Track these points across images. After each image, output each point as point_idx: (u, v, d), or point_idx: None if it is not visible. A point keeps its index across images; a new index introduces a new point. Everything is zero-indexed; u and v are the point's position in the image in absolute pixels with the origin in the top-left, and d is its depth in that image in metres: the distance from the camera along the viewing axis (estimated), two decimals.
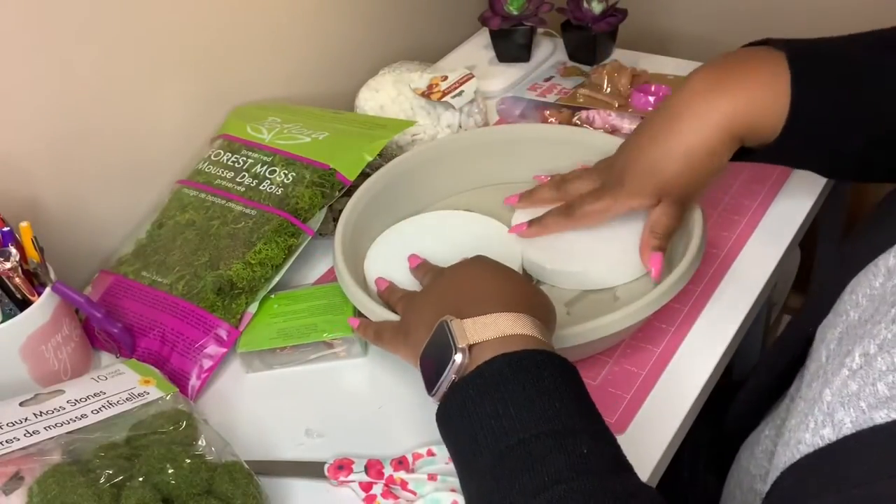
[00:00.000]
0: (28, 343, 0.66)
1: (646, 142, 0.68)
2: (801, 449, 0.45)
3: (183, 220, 0.79)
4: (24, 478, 0.54)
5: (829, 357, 0.50)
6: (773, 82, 0.63)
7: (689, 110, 0.66)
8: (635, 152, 0.69)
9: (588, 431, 0.48)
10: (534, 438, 0.47)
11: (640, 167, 0.68)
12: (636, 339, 0.69)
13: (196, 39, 0.85)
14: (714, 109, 0.64)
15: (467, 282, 0.59)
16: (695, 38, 1.20)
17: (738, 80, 0.64)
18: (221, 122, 0.90)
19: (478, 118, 0.92)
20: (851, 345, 0.47)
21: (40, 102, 0.74)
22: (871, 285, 0.50)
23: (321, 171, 0.78)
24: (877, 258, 0.51)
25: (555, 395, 0.49)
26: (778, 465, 0.47)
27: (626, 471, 0.48)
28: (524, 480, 0.46)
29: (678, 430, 0.63)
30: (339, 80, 1.02)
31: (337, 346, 0.71)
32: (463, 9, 1.14)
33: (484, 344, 0.52)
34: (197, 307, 0.72)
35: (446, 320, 0.53)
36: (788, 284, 1.20)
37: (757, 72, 0.64)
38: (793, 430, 0.47)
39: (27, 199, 0.75)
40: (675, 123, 0.66)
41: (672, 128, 0.66)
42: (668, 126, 0.67)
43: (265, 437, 0.66)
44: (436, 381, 0.53)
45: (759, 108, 0.64)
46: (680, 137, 0.66)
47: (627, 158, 0.70)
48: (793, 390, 0.60)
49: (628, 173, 0.69)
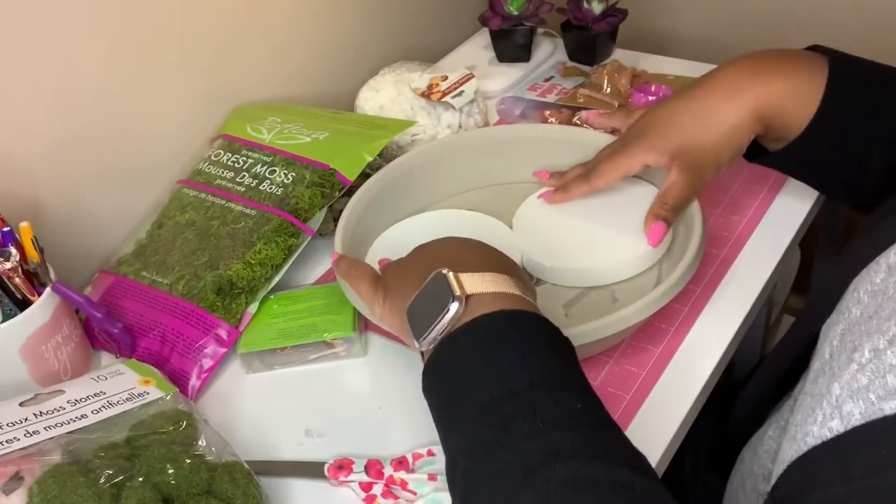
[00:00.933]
0: (28, 343, 0.66)
1: (675, 104, 0.71)
2: (808, 441, 0.44)
3: (183, 221, 0.79)
4: (24, 478, 0.54)
5: (833, 354, 0.50)
6: (809, 79, 0.66)
7: (725, 84, 0.68)
8: (662, 111, 0.71)
9: (582, 392, 0.48)
10: (529, 389, 0.47)
11: (664, 124, 0.70)
12: (636, 339, 0.69)
13: (196, 39, 0.85)
14: (748, 89, 0.67)
15: (454, 248, 0.59)
16: (695, 39, 1.20)
17: (777, 68, 0.67)
18: (221, 122, 0.90)
19: (478, 118, 0.92)
20: (858, 340, 0.47)
21: (40, 103, 0.74)
22: (873, 282, 0.50)
23: (321, 171, 0.78)
24: (878, 256, 0.51)
25: (550, 356, 0.49)
26: (784, 460, 0.47)
27: (618, 430, 0.47)
28: (518, 423, 0.45)
29: (678, 430, 0.63)
30: (339, 80, 1.02)
31: (337, 346, 0.71)
32: (463, 9, 1.14)
33: (481, 297, 0.52)
34: (197, 307, 0.72)
35: (442, 271, 0.53)
36: (788, 284, 1.20)
37: (797, 66, 0.67)
38: (799, 424, 0.47)
39: (27, 199, 0.75)
40: (710, 93, 0.69)
41: (705, 96, 0.69)
42: (702, 94, 0.69)
43: (265, 437, 0.66)
44: (425, 331, 0.52)
45: (789, 99, 0.66)
46: (709, 105, 0.68)
47: (653, 116, 0.72)
48: (797, 391, 0.60)
49: (650, 128, 0.71)
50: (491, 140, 0.84)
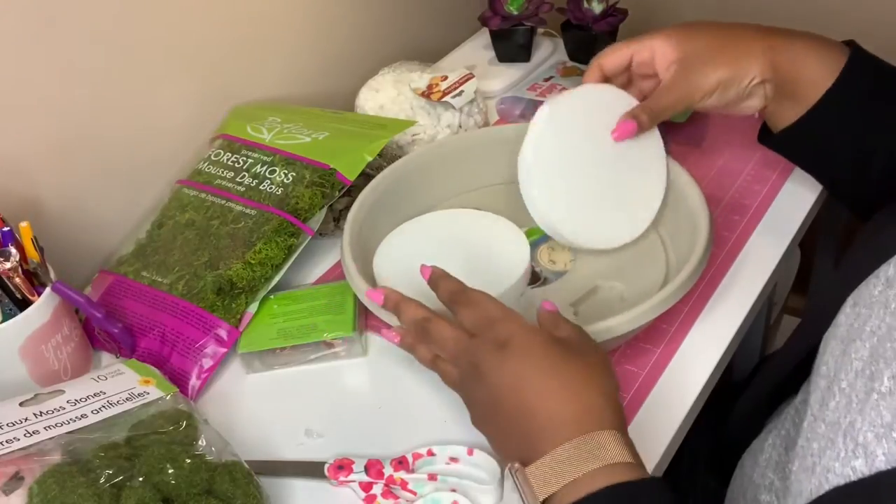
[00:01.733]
0: (28, 343, 0.66)
1: (699, 23, 0.71)
2: (830, 479, 0.43)
3: (183, 220, 0.79)
4: (24, 478, 0.54)
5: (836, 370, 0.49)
6: (830, 51, 0.67)
7: (751, 27, 0.70)
8: (686, 24, 0.71)
9: None
10: None
11: (683, 26, 0.71)
12: (636, 339, 0.69)
13: (196, 39, 0.85)
14: (772, 36, 0.68)
15: (523, 395, 0.50)
16: None
17: (803, 35, 0.69)
18: (221, 122, 0.90)
19: (478, 118, 0.92)
20: (875, 364, 0.45)
21: (41, 103, 0.74)
22: (871, 294, 0.50)
23: (321, 171, 0.78)
24: (877, 269, 0.51)
25: None
26: (801, 492, 0.46)
27: None
28: None
29: (678, 430, 0.63)
30: (339, 80, 1.02)
31: (337, 346, 0.71)
32: (463, 9, 1.14)
33: (561, 493, 0.47)
34: (197, 307, 0.72)
35: (511, 470, 0.48)
36: (788, 284, 1.21)
37: (821, 38, 0.68)
38: (817, 455, 0.46)
39: (27, 199, 0.75)
40: (734, 26, 0.70)
41: (729, 26, 0.70)
42: (726, 25, 0.70)
43: (265, 437, 0.66)
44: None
45: (809, 61, 0.67)
46: (730, 31, 0.70)
47: (676, 25, 0.71)
48: (798, 399, 0.60)
49: (668, 27, 0.71)
50: (500, 138, 0.83)
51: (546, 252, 0.77)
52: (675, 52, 0.69)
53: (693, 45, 0.69)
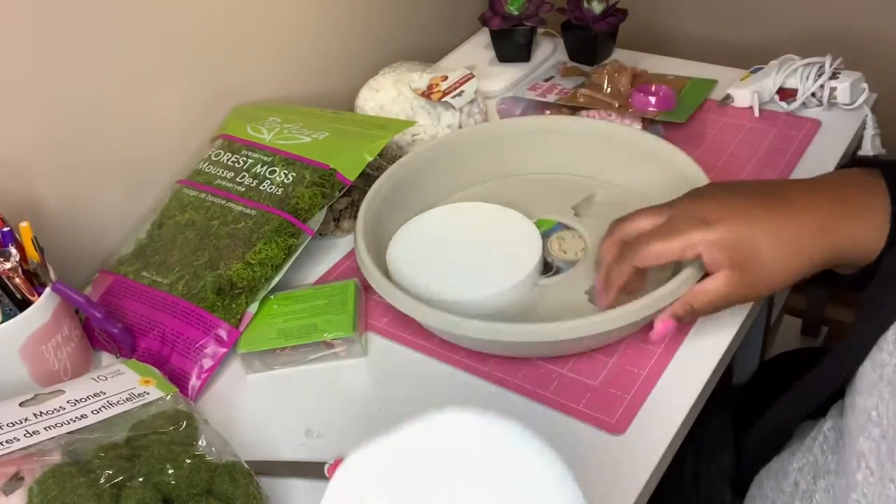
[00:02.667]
0: (28, 343, 0.66)
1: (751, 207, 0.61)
2: None
3: (183, 220, 0.79)
4: (24, 478, 0.54)
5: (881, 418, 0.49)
6: (880, 211, 0.60)
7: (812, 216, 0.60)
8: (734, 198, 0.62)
9: None
10: None
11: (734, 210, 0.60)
12: (636, 339, 0.69)
13: (196, 39, 0.85)
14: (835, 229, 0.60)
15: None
16: (695, 38, 1.21)
17: (855, 205, 0.61)
18: (221, 122, 0.90)
19: (478, 118, 0.92)
20: None
21: (40, 102, 0.74)
22: None
23: (321, 171, 0.78)
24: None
25: None
26: None
27: None
28: None
29: (678, 431, 0.62)
30: (339, 80, 1.02)
31: (337, 346, 0.71)
32: (463, 9, 1.14)
33: None
34: (197, 307, 0.72)
35: None
36: None
37: (869, 198, 0.60)
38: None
39: (27, 199, 0.75)
40: (790, 213, 0.60)
41: (782, 214, 0.60)
42: (780, 210, 0.60)
43: (265, 437, 0.66)
44: None
45: (865, 236, 0.60)
46: (786, 226, 0.60)
47: (720, 198, 0.62)
48: (827, 427, 0.59)
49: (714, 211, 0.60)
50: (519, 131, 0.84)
51: (557, 242, 0.78)
52: (726, 259, 0.60)
53: (746, 244, 0.59)
